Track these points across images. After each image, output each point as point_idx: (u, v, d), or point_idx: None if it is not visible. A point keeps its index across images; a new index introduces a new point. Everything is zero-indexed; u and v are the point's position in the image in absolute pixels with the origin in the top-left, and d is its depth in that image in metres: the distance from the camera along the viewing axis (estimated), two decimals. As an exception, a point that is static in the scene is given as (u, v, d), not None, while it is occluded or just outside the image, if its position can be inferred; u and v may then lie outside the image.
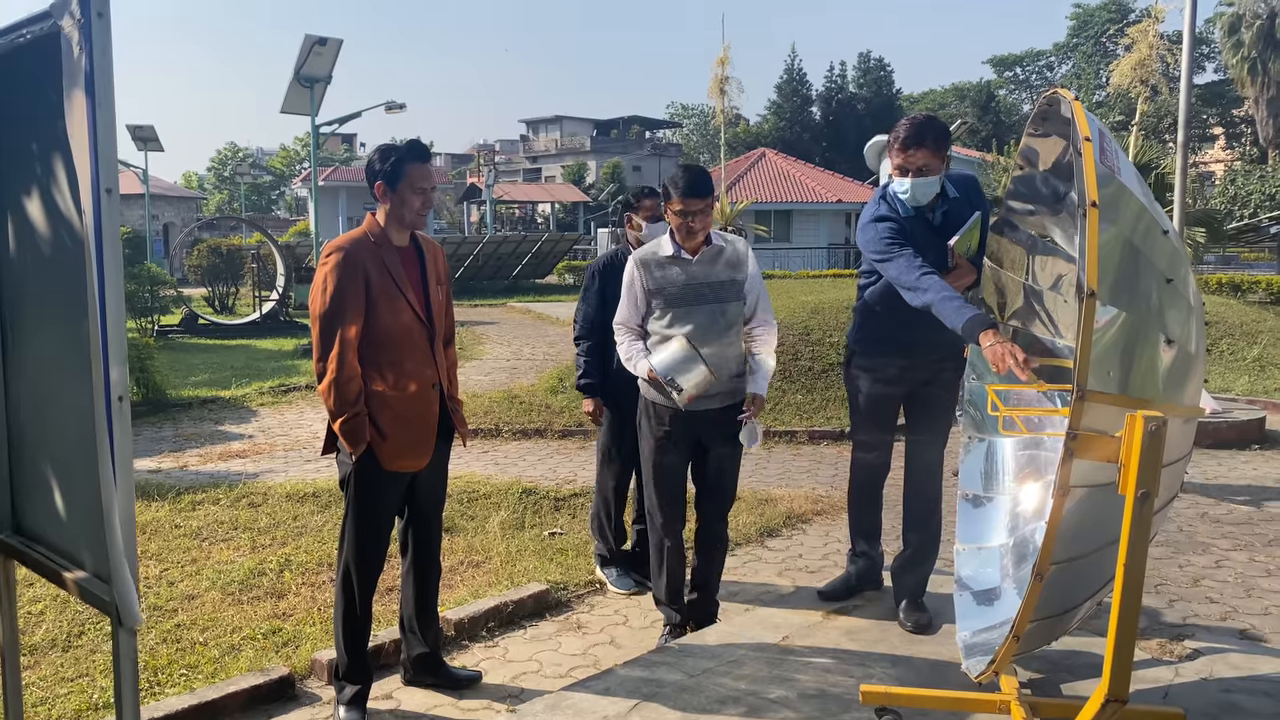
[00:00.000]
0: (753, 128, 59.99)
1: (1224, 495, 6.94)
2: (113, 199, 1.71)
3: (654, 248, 4.21)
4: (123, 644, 1.77)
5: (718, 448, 4.22)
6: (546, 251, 29.16)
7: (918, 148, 3.88)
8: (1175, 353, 2.70)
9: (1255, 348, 12.04)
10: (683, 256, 4.12)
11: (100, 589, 1.81)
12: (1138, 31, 13.81)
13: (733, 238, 4.26)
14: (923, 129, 3.90)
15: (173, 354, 15.16)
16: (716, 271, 4.12)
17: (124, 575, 1.71)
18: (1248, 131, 53.21)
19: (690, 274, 4.10)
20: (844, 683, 3.64)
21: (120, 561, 1.71)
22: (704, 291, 4.09)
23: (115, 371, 1.74)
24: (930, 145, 3.87)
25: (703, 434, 4.19)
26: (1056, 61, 66.58)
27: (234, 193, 65.95)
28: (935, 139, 3.89)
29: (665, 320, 4.12)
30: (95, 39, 1.69)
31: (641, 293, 4.18)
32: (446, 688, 3.94)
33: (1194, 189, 28.82)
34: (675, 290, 4.10)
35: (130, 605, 1.73)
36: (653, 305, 4.16)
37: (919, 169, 3.89)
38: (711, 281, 4.10)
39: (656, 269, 4.15)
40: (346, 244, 3.59)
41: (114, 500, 1.69)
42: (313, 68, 15.63)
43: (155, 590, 5.04)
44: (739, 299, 4.15)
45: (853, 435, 4.47)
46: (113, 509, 1.69)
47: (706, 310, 4.08)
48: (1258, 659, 3.95)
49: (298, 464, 8.12)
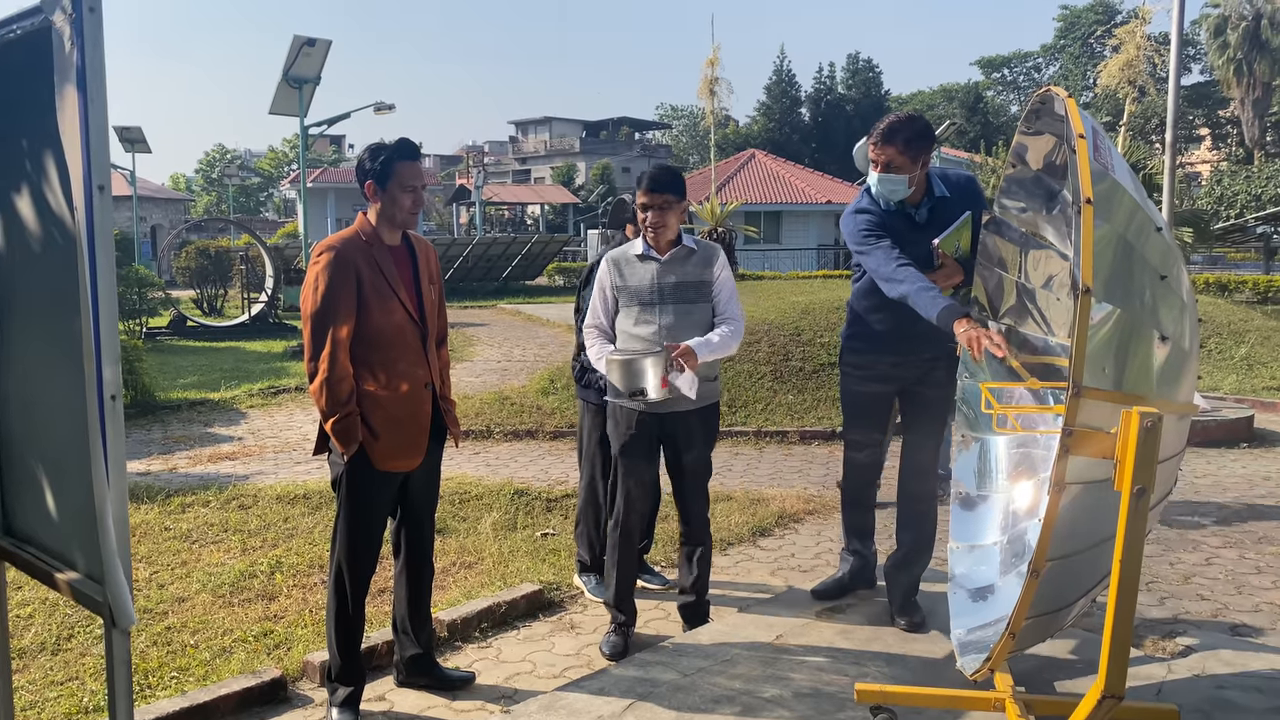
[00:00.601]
0: (742, 129, 60.10)
1: (1213, 493, 6.97)
2: (105, 196, 1.69)
3: (626, 248, 4.24)
4: (116, 645, 1.75)
5: (689, 451, 4.21)
6: (536, 253, 29.11)
7: (886, 144, 3.94)
8: (1169, 349, 2.71)
9: (1243, 347, 12.11)
10: (652, 255, 4.13)
11: (93, 590, 1.79)
12: (1125, 33, 13.90)
13: (706, 243, 4.26)
14: (895, 127, 3.95)
15: (161, 356, 15.09)
16: (686, 272, 4.12)
17: (117, 575, 1.69)
18: (1234, 132, 53.55)
19: (659, 273, 4.10)
20: (838, 681, 3.63)
21: (114, 561, 1.69)
22: (672, 292, 4.10)
23: (108, 370, 1.72)
24: (899, 144, 3.91)
25: (673, 437, 4.17)
26: (1044, 63, 66.88)
27: (222, 194, 65.69)
28: (907, 139, 3.91)
29: (632, 319, 4.13)
30: (87, 34, 1.67)
31: (611, 291, 4.19)
32: (439, 689, 3.92)
33: (1181, 190, 28.99)
34: (643, 289, 4.11)
35: (125, 606, 1.71)
36: (620, 304, 4.17)
37: (885, 165, 3.95)
38: (680, 282, 4.10)
39: (626, 266, 4.17)
40: (338, 243, 3.58)
41: (107, 500, 1.67)
42: (301, 69, 15.58)
43: (145, 593, 5.01)
44: (707, 300, 4.15)
45: (845, 434, 4.47)
46: (106, 509, 1.67)
47: (674, 310, 4.08)
48: (1249, 655, 3.96)
49: (288, 466, 8.09)
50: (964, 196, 4.09)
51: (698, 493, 4.30)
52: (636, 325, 4.12)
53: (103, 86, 1.68)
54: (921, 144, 3.94)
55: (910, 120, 4.00)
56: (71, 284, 1.69)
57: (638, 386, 3.92)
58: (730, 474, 7.78)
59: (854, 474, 4.44)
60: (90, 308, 1.68)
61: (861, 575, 4.54)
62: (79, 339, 1.70)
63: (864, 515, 4.49)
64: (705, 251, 4.20)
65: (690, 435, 4.17)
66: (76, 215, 1.70)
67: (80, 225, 1.69)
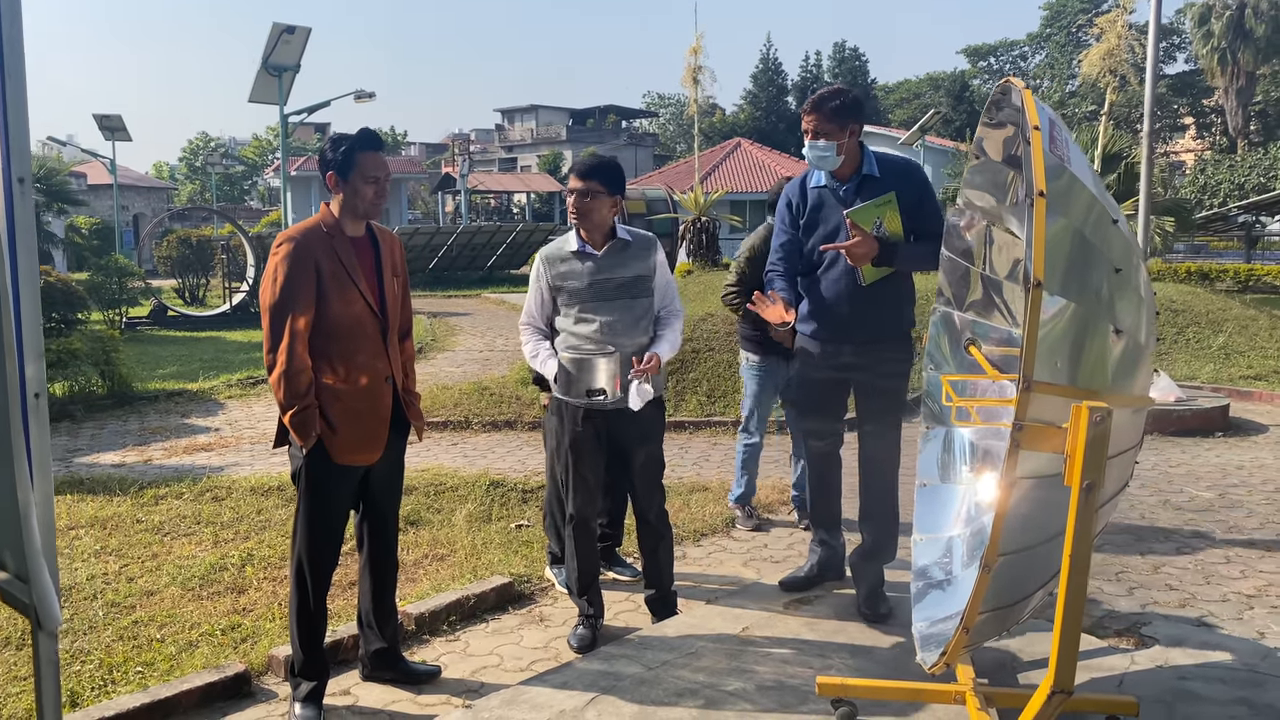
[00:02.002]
0: (729, 117, 60.02)
1: (1187, 482, 7.00)
2: (25, 189, 1.65)
3: (559, 244, 4.18)
4: (43, 647, 1.72)
5: (638, 446, 4.19)
6: (521, 242, 29.02)
7: (814, 111, 4.07)
8: (1125, 343, 2.70)
9: (1220, 336, 12.16)
10: (587, 251, 4.08)
11: (20, 590, 1.76)
12: (1106, 21, 13.92)
13: (640, 232, 4.22)
14: (824, 96, 4.11)
15: (141, 346, 14.99)
16: (623, 266, 4.08)
17: (43, 577, 1.66)
18: (1218, 121, 53.75)
19: (596, 270, 4.06)
20: (802, 674, 3.63)
21: (39, 563, 1.66)
22: (611, 288, 4.05)
23: (31, 368, 1.69)
24: (826, 111, 4.04)
25: (620, 433, 4.14)
26: (1030, 51, 66.91)
27: (206, 183, 65.24)
28: (834, 108, 4.04)
29: (572, 318, 4.09)
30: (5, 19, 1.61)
31: (547, 289, 4.15)
32: (405, 683, 3.90)
33: (1164, 178, 29.11)
34: (581, 287, 4.06)
35: (50, 607, 1.69)
36: (558, 303, 4.13)
37: (814, 132, 4.06)
38: (618, 278, 4.06)
39: (561, 264, 4.11)
40: (297, 234, 3.55)
41: (30, 500, 1.64)
42: (281, 56, 15.48)
43: (114, 586, 4.97)
44: (648, 294, 4.12)
45: (801, 424, 4.48)
46: (30, 510, 1.63)
47: (614, 306, 4.04)
48: (1214, 646, 3.98)
49: (264, 457, 8.04)
50: (896, 177, 4.13)
51: (652, 487, 4.28)
52: (577, 324, 4.08)
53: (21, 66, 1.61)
54: (848, 113, 4.06)
55: (838, 91, 4.17)
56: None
57: (596, 386, 3.90)
58: (708, 464, 7.77)
59: (815, 463, 4.43)
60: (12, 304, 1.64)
61: (830, 566, 4.54)
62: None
63: (829, 505, 4.48)
64: (641, 242, 4.16)
65: (637, 431, 4.13)
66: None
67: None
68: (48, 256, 21.10)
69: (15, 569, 1.76)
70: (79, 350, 10.14)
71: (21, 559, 1.67)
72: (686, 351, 10.17)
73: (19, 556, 1.69)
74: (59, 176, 24.86)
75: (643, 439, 4.17)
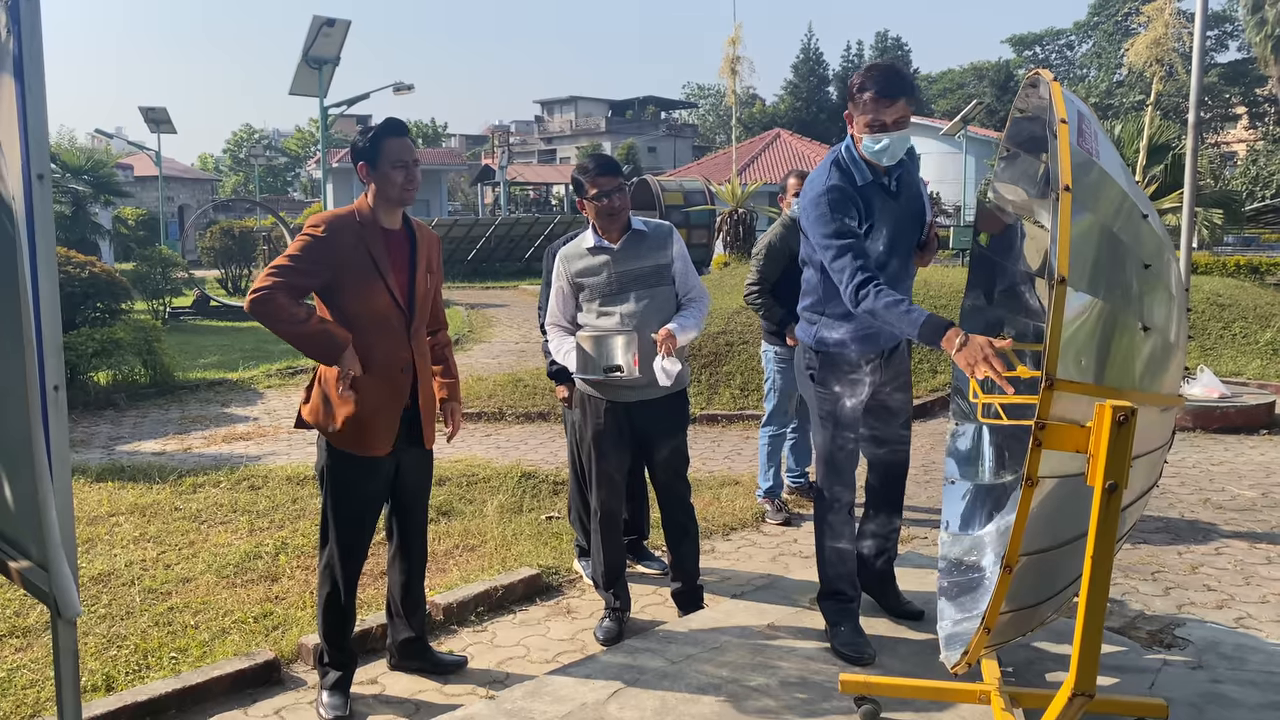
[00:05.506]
0: (769, 108, 59.67)
1: (1229, 481, 6.86)
2: (44, 185, 1.68)
3: (577, 242, 4.18)
4: (62, 635, 1.76)
5: (663, 439, 4.18)
6: (560, 233, 28.92)
7: (901, 97, 3.45)
8: (1153, 340, 2.64)
9: (1269, 331, 11.88)
10: (605, 246, 4.08)
11: (41, 579, 1.80)
12: (1154, 9, 13.59)
13: (656, 222, 4.21)
14: (902, 77, 3.48)
15: (183, 335, 15.25)
16: (642, 258, 4.07)
17: (61, 566, 1.69)
18: (1271, 111, 52.46)
19: (616, 264, 4.06)
20: (826, 670, 3.61)
21: (58, 553, 1.69)
22: (632, 281, 4.05)
23: (50, 361, 1.72)
24: (910, 95, 3.49)
25: (645, 426, 4.14)
26: (1077, 40, 65.75)
27: (249, 175, 66.08)
28: (912, 88, 3.54)
29: (594, 313, 4.10)
30: (24, 20, 1.65)
31: (569, 288, 4.15)
32: (431, 672, 3.94)
33: (1215, 169, 28.48)
34: (601, 281, 4.06)
35: (69, 596, 1.72)
36: (580, 299, 4.13)
37: (898, 121, 3.46)
38: (637, 270, 4.06)
39: (580, 261, 4.11)
40: (331, 218, 3.59)
41: (49, 491, 1.68)
42: (321, 49, 15.64)
43: (152, 573, 5.07)
44: (668, 283, 4.11)
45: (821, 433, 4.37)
46: (48, 500, 1.67)
47: (635, 298, 4.04)
48: (1250, 648, 3.90)
49: (300, 446, 8.14)
50: (911, 158, 3.77)
51: (677, 480, 4.27)
52: (599, 319, 4.10)
53: (41, 74, 1.67)
54: (914, 92, 3.64)
55: (902, 67, 3.62)
56: (12, 275, 1.69)
57: (612, 363, 3.88)
58: (739, 458, 7.75)
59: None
60: (31, 299, 1.67)
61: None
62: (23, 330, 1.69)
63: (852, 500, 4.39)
64: (657, 232, 4.15)
65: (661, 424, 4.14)
66: (15, 205, 1.69)
67: (19, 216, 1.69)
68: (94, 247, 21.46)
69: (38, 557, 1.80)
70: (123, 340, 10.32)
71: (44, 547, 1.70)
72: (720, 345, 10.15)
73: (41, 545, 1.72)
74: (106, 168, 25.30)
75: (667, 432, 4.17)
